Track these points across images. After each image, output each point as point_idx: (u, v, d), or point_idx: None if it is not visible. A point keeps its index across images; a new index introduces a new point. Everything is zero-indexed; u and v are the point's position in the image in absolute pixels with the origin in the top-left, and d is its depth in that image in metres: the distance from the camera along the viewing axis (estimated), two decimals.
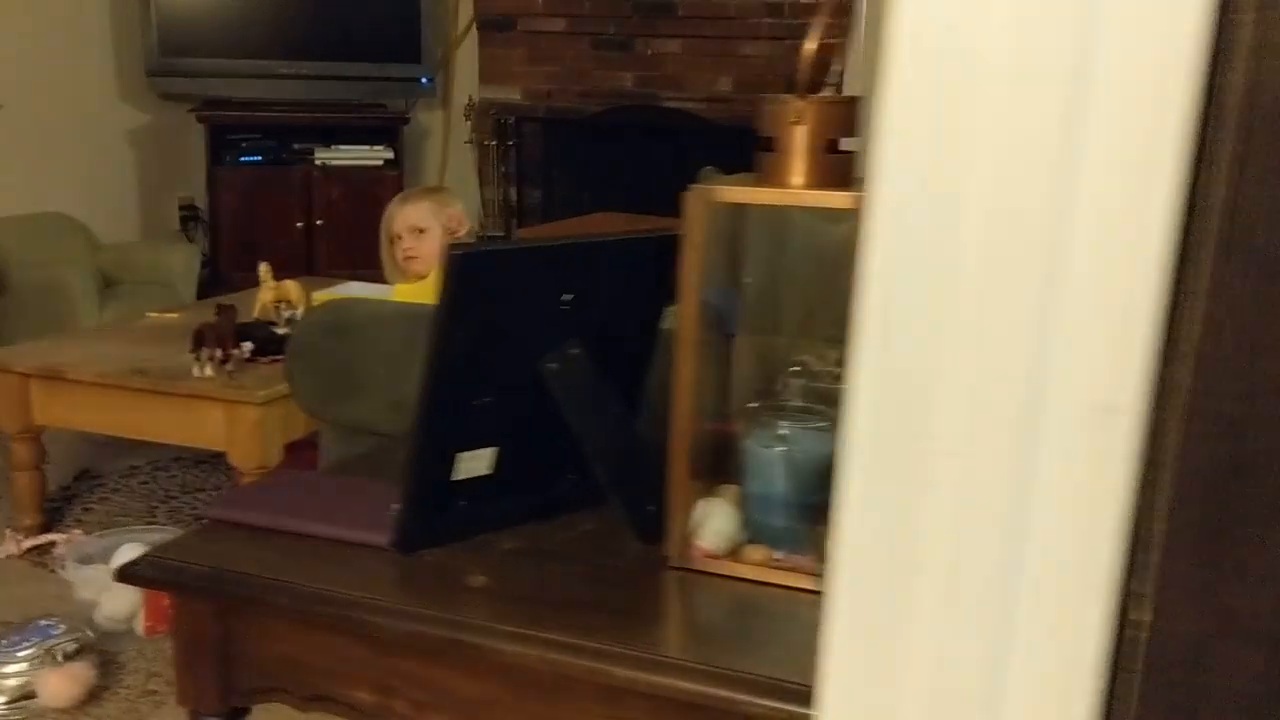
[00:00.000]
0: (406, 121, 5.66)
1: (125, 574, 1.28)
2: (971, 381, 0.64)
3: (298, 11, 5.52)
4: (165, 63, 5.38)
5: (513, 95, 5.69)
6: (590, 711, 1.14)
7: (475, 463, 1.28)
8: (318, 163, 5.47)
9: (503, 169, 5.78)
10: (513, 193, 5.82)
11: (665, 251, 1.24)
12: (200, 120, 5.44)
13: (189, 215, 5.89)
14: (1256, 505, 0.63)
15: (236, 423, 2.55)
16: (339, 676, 1.25)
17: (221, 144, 5.43)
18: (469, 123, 5.78)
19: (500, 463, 1.29)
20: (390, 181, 5.39)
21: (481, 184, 5.85)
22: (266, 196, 5.46)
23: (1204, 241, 0.61)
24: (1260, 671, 0.64)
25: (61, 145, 5.34)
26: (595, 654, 1.10)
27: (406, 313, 2.14)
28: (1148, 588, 0.65)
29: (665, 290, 1.30)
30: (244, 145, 5.43)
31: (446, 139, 6.00)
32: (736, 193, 1.17)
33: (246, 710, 1.35)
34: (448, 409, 1.22)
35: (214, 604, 1.28)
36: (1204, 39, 0.58)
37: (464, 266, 1.13)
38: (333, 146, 5.49)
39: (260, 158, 5.45)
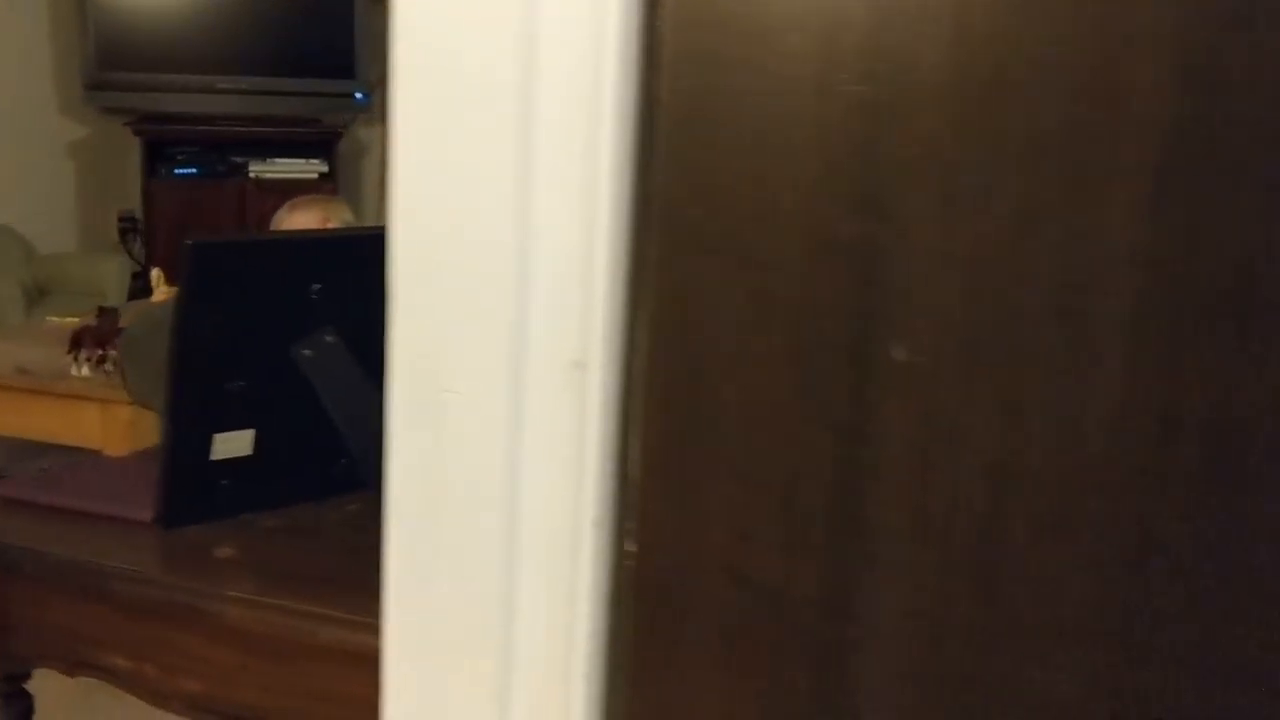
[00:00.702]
0: (340, 136, 5.76)
1: None
2: (472, 340, 0.74)
3: (235, 27, 5.61)
4: (103, 77, 5.47)
5: None
6: (310, 672, 1.23)
7: (233, 444, 1.37)
8: (253, 176, 5.56)
9: None
10: None
11: None
12: (136, 133, 5.53)
13: (128, 227, 5.97)
14: (713, 452, 0.72)
15: (110, 420, 2.62)
16: (98, 643, 1.34)
17: (158, 157, 5.52)
18: None
19: (263, 445, 1.39)
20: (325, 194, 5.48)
21: None
22: (202, 208, 5.54)
23: (651, 222, 0.71)
24: (730, 600, 0.74)
25: (1, 158, 5.42)
26: (307, 617, 1.19)
27: None
28: (633, 524, 0.75)
29: None
30: (180, 158, 5.52)
31: (385, 154, 6.09)
32: None
33: (26, 675, 1.43)
34: (198, 392, 1.31)
35: None
36: (634, 48, 0.68)
37: (199, 257, 1.22)
38: (268, 160, 5.58)
39: (196, 170, 5.54)
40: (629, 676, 0.76)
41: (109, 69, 5.47)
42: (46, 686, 1.46)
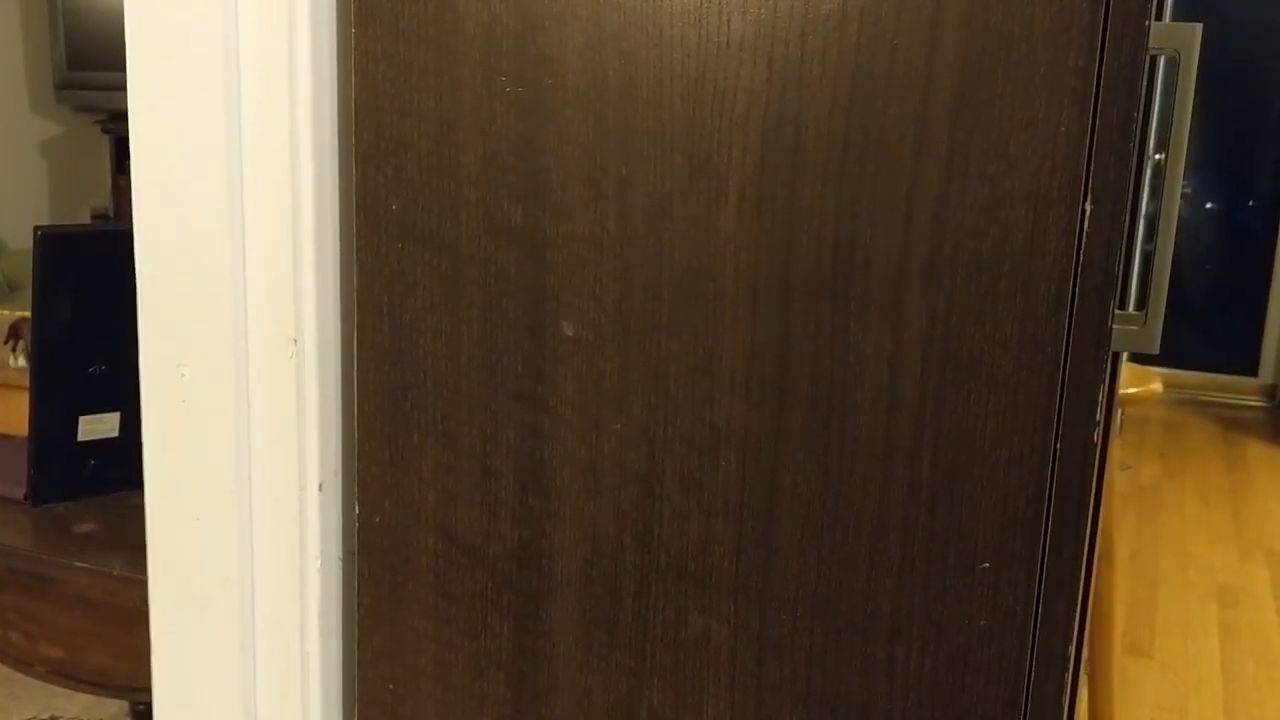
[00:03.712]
0: None
1: None
2: (200, 323, 0.81)
3: None
4: (73, 76, 5.55)
5: None
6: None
7: (100, 425, 1.44)
8: None
9: None
10: None
11: None
12: (105, 132, 5.60)
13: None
14: (420, 421, 0.79)
15: None
16: None
17: (127, 154, 5.60)
18: None
19: (130, 426, 1.46)
20: None
21: None
22: None
23: (350, 212, 0.78)
24: (441, 556, 0.81)
25: None
26: (144, 586, 1.26)
27: None
28: (355, 488, 0.82)
29: None
30: None
31: None
32: None
33: None
34: (61, 376, 1.38)
35: None
36: (327, 55, 0.76)
37: (48, 247, 1.30)
38: None
39: None
40: (360, 625, 0.83)
41: (79, 68, 5.55)
42: None
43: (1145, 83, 0.62)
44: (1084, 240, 0.62)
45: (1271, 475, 3.72)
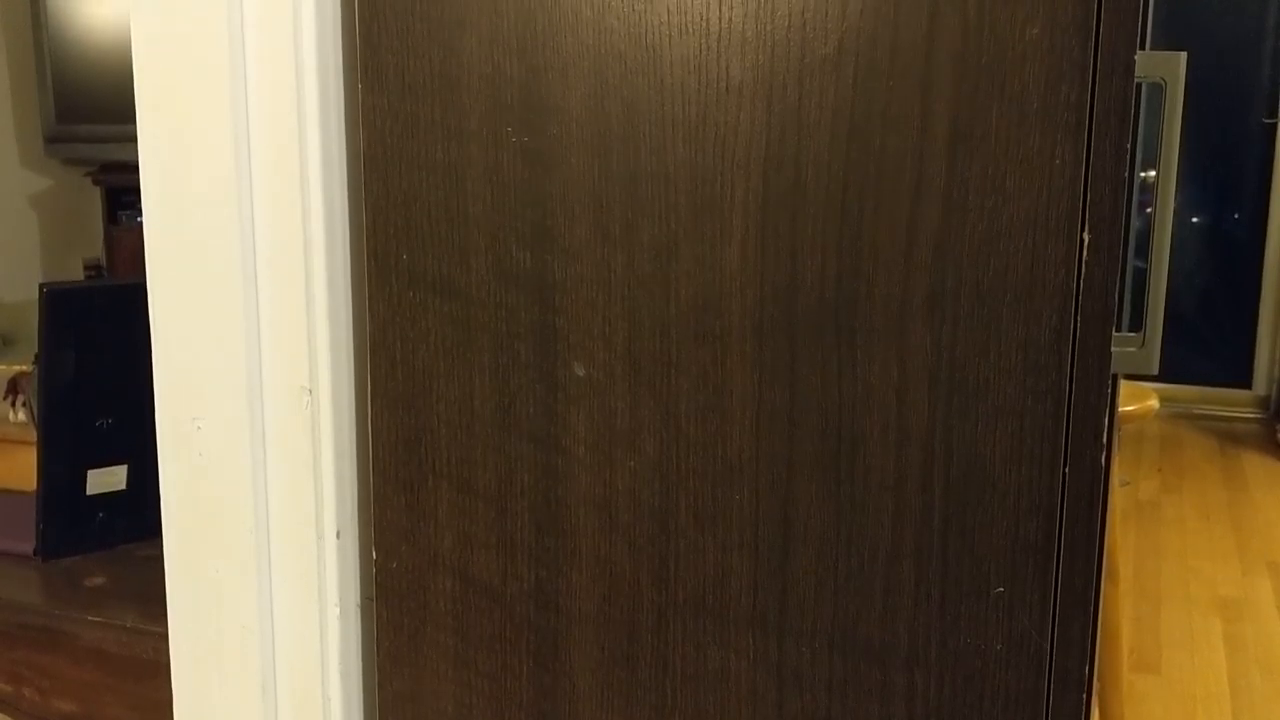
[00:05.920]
0: None
1: None
2: (215, 375, 0.82)
3: None
4: (62, 129, 5.58)
5: None
6: (168, 688, 1.30)
7: (108, 478, 1.45)
8: None
9: None
10: None
11: None
12: (96, 183, 5.63)
13: (94, 275, 6.06)
14: (435, 466, 0.80)
15: None
16: None
17: (118, 205, 5.62)
18: None
19: (137, 479, 1.47)
20: None
21: None
22: None
23: (361, 262, 0.80)
24: (458, 598, 0.82)
25: None
26: (162, 638, 1.26)
27: None
28: (372, 533, 0.83)
29: None
30: (140, 206, 5.61)
31: None
32: None
33: None
34: (68, 429, 1.39)
35: None
36: (335, 109, 0.77)
37: (55, 302, 1.31)
38: None
39: None
40: (380, 669, 0.84)
41: (68, 122, 5.58)
42: None
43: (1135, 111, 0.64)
44: (1083, 268, 0.64)
45: (1269, 487, 3.74)
